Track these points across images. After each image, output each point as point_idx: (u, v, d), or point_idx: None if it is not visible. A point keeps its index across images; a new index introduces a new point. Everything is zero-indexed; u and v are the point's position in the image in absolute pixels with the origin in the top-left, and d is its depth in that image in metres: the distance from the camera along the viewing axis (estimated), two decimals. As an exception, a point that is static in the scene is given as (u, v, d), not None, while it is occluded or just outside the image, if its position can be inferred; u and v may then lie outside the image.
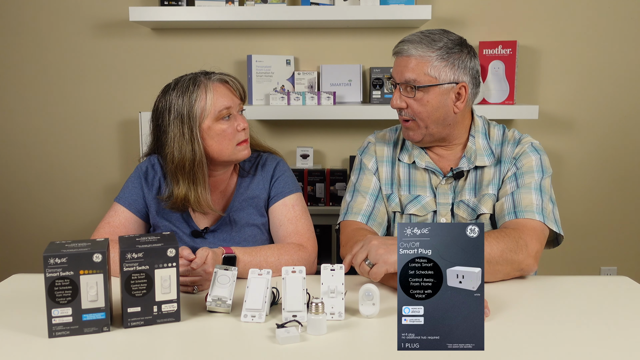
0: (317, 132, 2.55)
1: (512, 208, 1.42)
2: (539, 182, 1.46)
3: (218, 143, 1.48)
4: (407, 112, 1.47)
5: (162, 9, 2.25)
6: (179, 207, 1.51)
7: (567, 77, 2.49)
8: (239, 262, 1.39)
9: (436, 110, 1.45)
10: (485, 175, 1.51)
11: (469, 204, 1.50)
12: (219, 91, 1.48)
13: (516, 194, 1.44)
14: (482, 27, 2.45)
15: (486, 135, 1.55)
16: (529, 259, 1.34)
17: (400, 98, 1.46)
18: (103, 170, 2.59)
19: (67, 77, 2.52)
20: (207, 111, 1.46)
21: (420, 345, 0.97)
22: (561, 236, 1.46)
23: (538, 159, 1.49)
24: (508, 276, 1.35)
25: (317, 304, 1.08)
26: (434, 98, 1.44)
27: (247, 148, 1.53)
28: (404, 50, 1.44)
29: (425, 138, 1.49)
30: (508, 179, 1.49)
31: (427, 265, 0.97)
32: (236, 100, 1.52)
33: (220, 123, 1.48)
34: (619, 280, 1.41)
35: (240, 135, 1.51)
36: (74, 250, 1.06)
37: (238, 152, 1.51)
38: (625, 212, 2.58)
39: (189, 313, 1.19)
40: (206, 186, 1.49)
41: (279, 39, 2.49)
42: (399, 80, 1.46)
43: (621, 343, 1.05)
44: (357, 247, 1.30)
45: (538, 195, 1.43)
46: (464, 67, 1.44)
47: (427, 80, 1.42)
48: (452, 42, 1.44)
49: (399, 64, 1.46)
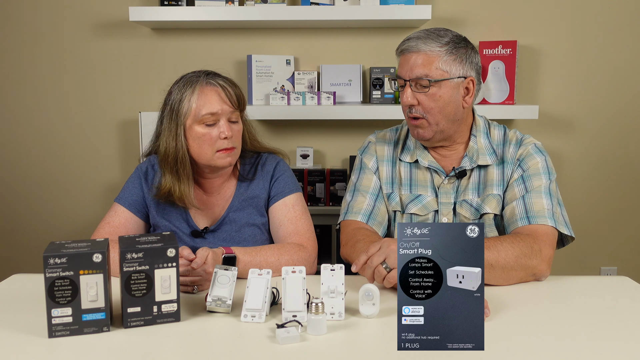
0: (317, 132, 2.55)
1: (525, 213, 1.43)
2: (547, 186, 1.46)
3: (198, 146, 1.48)
4: (417, 109, 1.45)
5: (162, 9, 2.25)
6: (164, 198, 1.52)
7: (567, 77, 2.49)
8: (239, 262, 1.38)
9: (447, 105, 1.44)
10: (489, 175, 1.51)
11: (472, 204, 1.50)
12: (207, 96, 1.46)
13: (527, 199, 1.44)
14: (482, 27, 2.45)
15: (487, 135, 1.55)
16: (543, 264, 1.34)
17: (411, 95, 1.45)
18: (103, 170, 2.59)
19: (67, 77, 2.52)
20: (190, 112, 1.46)
21: (420, 345, 0.97)
22: (569, 237, 1.46)
23: (543, 161, 1.50)
24: (521, 281, 1.36)
25: (317, 304, 1.08)
26: (445, 92, 1.43)
27: (228, 156, 1.49)
28: (412, 47, 1.44)
29: (436, 136, 1.48)
30: (515, 181, 1.48)
31: (427, 265, 0.97)
32: (226, 107, 1.48)
33: (202, 127, 1.47)
34: (619, 280, 1.41)
35: (222, 143, 1.47)
36: (74, 250, 1.06)
37: (217, 159, 1.49)
38: (625, 212, 2.58)
39: (189, 313, 1.19)
40: (190, 183, 1.50)
41: (279, 39, 2.49)
42: (408, 77, 1.45)
43: (621, 343, 1.05)
44: (374, 248, 1.26)
45: (548, 199, 1.44)
46: (470, 62, 1.45)
47: (439, 75, 1.42)
48: (457, 38, 1.46)
49: (407, 61, 1.45)
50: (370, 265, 1.24)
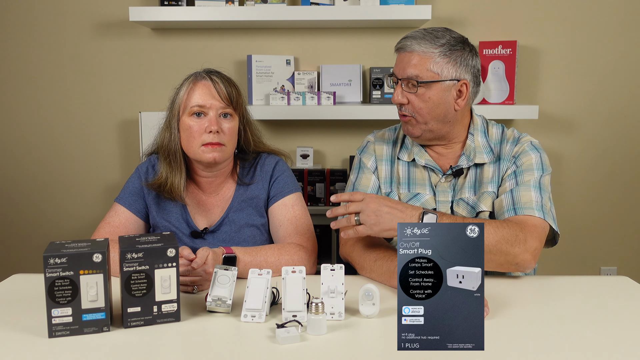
0: (317, 132, 2.55)
1: (512, 205, 1.42)
2: (538, 180, 1.45)
3: (186, 138, 1.52)
4: (407, 108, 1.47)
5: (162, 9, 2.25)
6: (157, 189, 1.55)
7: (567, 77, 2.49)
8: (239, 262, 1.39)
9: (437, 107, 1.45)
10: (485, 173, 1.51)
11: (468, 202, 1.50)
12: (198, 88, 1.51)
13: (515, 192, 1.44)
14: (482, 27, 2.45)
15: (485, 134, 1.55)
16: (526, 254, 1.32)
17: (401, 94, 1.46)
18: (103, 171, 2.59)
19: (67, 77, 2.52)
20: (182, 103, 1.52)
21: (420, 345, 0.97)
22: (558, 235, 1.46)
23: (538, 157, 1.49)
24: (501, 268, 1.34)
25: (317, 304, 1.08)
26: (435, 94, 1.44)
27: (214, 152, 1.48)
28: (407, 46, 1.45)
29: (425, 134, 1.49)
30: (507, 176, 1.48)
31: (427, 265, 0.97)
32: (215, 102, 1.49)
33: (190, 119, 1.50)
34: (619, 280, 1.41)
35: (207, 137, 1.48)
36: (74, 250, 1.06)
37: (202, 153, 1.49)
38: (625, 212, 2.58)
39: (189, 313, 1.19)
40: (182, 176, 1.54)
41: (279, 39, 2.49)
42: (400, 76, 1.46)
43: (621, 343, 1.05)
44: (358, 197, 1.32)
45: (537, 192, 1.43)
46: (465, 65, 1.45)
47: (429, 76, 1.43)
48: (455, 40, 1.45)
49: (401, 60, 1.47)
50: (345, 210, 1.32)
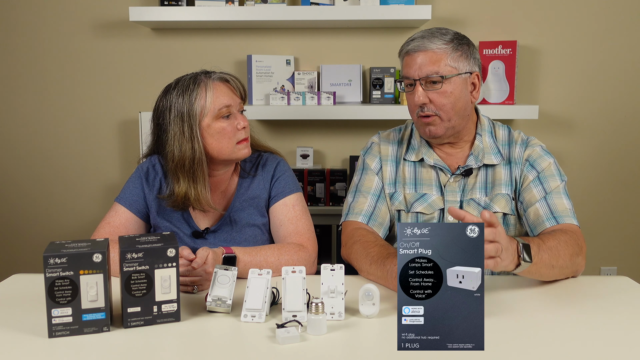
0: (317, 132, 2.55)
1: (550, 214, 1.45)
2: (563, 187, 1.50)
3: (217, 141, 1.49)
4: (429, 107, 1.46)
5: (162, 9, 2.25)
6: (179, 206, 1.51)
7: (567, 77, 2.49)
8: (239, 262, 1.39)
9: (458, 101, 1.46)
10: (497, 175, 1.52)
11: (480, 203, 1.51)
12: (219, 90, 1.49)
13: (549, 199, 1.47)
14: (482, 27, 2.45)
15: (492, 135, 1.56)
16: (584, 260, 1.39)
17: (423, 94, 1.45)
18: (103, 171, 2.59)
19: (67, 77, 2.52)
20: (206, 109, 1.47)
21: (420, 345, 0.97)
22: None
23: (554, 162, 1.53)
24: (563, 276, 1.38)
25: (317, 304, 1.08)
26: (456, 88, 1.45)
27: (247, 147, 1.53)
28: (419, 46, 1.45)
29: (447, 132, 1.50)
30: (532, 183, 1.50)
31: (427, 265, 0.97)
32: (236, 99, 1.52)
33: (219, 121, 1.48)
34: (619, 280, 1.41)
35: (240, 134, 1.51)
36: (74, 250, 1.06)
37: (238, 151, 1.51)
38: (625, 212, 2.58)
39: (189, 313, 1.19)
40: (206, 184, 1.50)
41: (279, 39, 2.49)
42: (418, 76, 1.45)
43: (621, 343, 1.05)
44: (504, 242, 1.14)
45: (567, 199, 1.48)
46: (473, 58, 1.49)
47: (449, 71, 1.44)
48: (459, 35, 1.49)
49: (414, 60, 1.46)
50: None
